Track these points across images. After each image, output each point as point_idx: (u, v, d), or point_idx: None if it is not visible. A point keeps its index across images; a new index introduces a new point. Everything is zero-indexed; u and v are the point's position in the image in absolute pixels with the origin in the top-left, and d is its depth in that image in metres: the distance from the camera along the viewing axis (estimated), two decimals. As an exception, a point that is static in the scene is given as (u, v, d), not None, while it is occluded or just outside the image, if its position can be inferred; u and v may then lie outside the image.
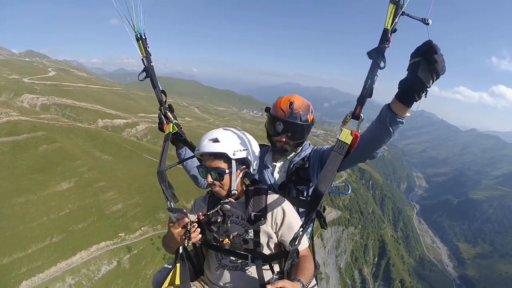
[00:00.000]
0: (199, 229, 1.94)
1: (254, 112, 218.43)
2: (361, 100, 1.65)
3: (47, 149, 51.40)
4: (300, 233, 1.81)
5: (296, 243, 1.84)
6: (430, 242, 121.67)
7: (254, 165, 2.15)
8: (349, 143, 1.68)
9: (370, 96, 1.65)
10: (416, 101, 1.65)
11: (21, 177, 44.73)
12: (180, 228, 1.92)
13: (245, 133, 2.19)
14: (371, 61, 1.57)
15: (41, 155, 49.91)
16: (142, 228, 46.48)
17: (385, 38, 1.52)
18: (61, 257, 38.64)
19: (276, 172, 2.66)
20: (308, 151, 2.66)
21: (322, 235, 66.60)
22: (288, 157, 2.65)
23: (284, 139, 2.51)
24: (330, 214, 73.16)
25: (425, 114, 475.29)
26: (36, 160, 48.59)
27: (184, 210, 1.88)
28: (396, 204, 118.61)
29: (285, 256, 1.94)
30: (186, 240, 1.92)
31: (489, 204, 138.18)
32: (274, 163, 2.69)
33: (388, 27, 1.51)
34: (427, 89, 1.58)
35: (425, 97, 1.61)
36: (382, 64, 1.54)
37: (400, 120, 1.78)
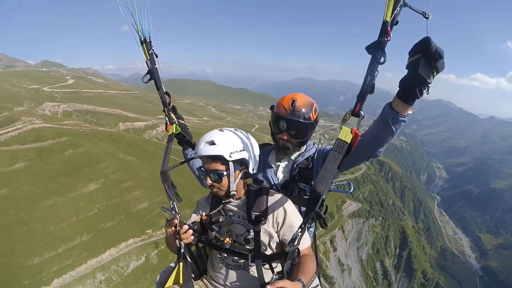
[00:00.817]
0: (190, 231, 2.02)
1: (267, 110, 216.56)
2: (361, 97, 1.65)
3: (73, 153, 53.12)
4: (299, 234, 1.84)
5: (295, 243, 1.87)
6: (452, 234, 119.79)
7: (253, 165, 2.17)
8: (349, 142, 1.70)
9: (372, 92, 1.63)
10: (418, 98, 1.68)
11: (49, 181, 46.37)
12: (171, 228, 2.04)
13: (242, 132, 2.22)
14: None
15: (67, 159, 51.63)
16: (168, 224, 47.30)
17: (384, 31, 1.50)
18: (91, 255, 39.70)
19: (279, 171, 2.68)
20: (312, 151, 2.67)
21: (343, 227, 66.80)
22: (292, 157, 2.67)
23: (286, 137, 2.54)
24: (351, 206, 73.21)
25: (442, 103, 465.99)
26: (62, 164, 50.32)
27: (176, 211, 2.04)
28: (417, 195, 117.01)
29: (285, 256, 1.96)
30: (178, 241, 2.02)
31: (511, 193, 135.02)
32: (278, 163, 2.71)
33: (388, 19, 1.48)
34: (429, 85, 1.60)
35: (427, 93, 1.65)
36: (382, 59, 1.52)
37: (403, 119, 1.81)
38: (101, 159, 54.30)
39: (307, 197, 2.39)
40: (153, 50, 2.56)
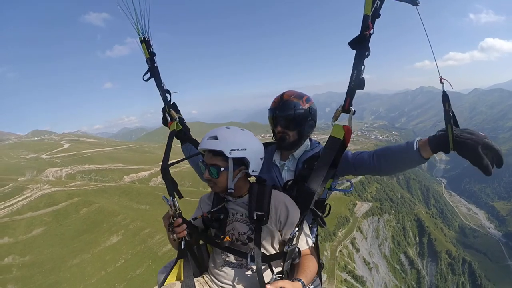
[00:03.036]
0: (184, 226, 2.02)
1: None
2: (350, 93, 1.66)
3: (88, 211, 54.14)
4: (296, 233, 1.86)
5: (294, 242, 1.91)
6: (466, 211, 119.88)
7: (254, 167, 2.13)
8: (341, 138, 1.71)
9: (361, 87, 1.66)
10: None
11: (71, 241, 47.34)
12: (167, 221, 2.06)
13: (248, 133, 2.21)
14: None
15: (83, 217, 52.61)
16: (195, 261, 48.19)
17: (366, 25, 1.52)
18: (126, 304, 40.59)
19: (284, 171, 2.64)
20: (317, 150, 2.63)
21: (361, 228, 67.88)
22: (296, 155, 2.64)
23: (280, 129, 2.55)
24: (362, 207, 74.53)
25: (424, 90, 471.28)
26: (80, 222, 51.33)
27: (176, 207, 2.06)
28: (422, 183, 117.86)
29: (285, 256, 1.98)
30: (171, 234, 2.03)
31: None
32: (283, 162, 2.68)
33: (368, 13, 1.50)
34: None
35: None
36: (366, 53, 1.56)
37: (425, 159, 1.86)
38: (117, 212, 55.42)
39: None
40: (152, 49, 2.62)
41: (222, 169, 2.00)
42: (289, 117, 2.49)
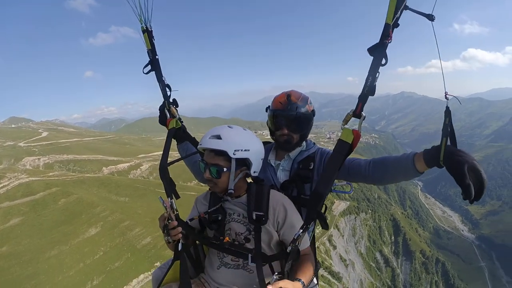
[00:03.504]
0: (179, 228, 1.99)
1: None
2: (363, 98, 1.66)
3: (66, 202, 53.33)
4: (301, 233, 1.83)
5: (297, 243, 1.86)
6: (441, 213, 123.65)
7: (256, 168, 2.12)
8: (350, 142, 1.71)
9: (373, 94, 1.64)
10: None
11: (49, 232, 46.58)
12: (162, 222, 2.04)
13: (250, 133, 2.17)
14: (367, 58, 1.57)
15: (62, 208, 51.80)
16: (175, 255, 48.27)
17: (386, 33, 1.52)
18: (105, 297, 40.25)
19: (279, 171, 2.62)
20: (313, 150, 2.64)
21: (338, 226, 69.49)
22: (292, 155, 2.63)
23: (286, 132, 2.51)
24: (340, 206, 76.17)
25: (405, 94, 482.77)
26: (58, 213, 50.51)
27: (173, 208, 2.03)
28: (399, 185, 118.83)
29: (286, 257, 1.93)
30: (166, 237, 2.02)
31: (487, 162, 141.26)
32: (278, 161, 2.66)
33: (389, 22, 1.50)
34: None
35: None
36: (383, 61, 1.54)
37: (421, 173, 1.90)
38: (95, 204, 54.72)
39: (307, 197, 2.42)
40: (153, 40, 2.54)
41: (224, 169, 1.99)
42: (297, 120, 2.49)
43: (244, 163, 2.06)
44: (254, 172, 2.11)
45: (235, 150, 1.94)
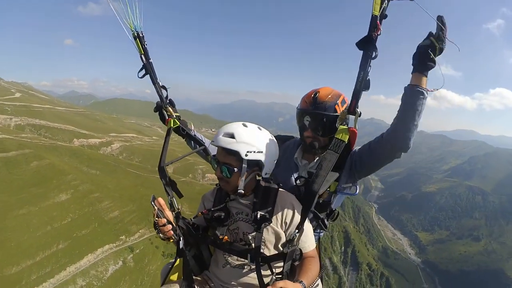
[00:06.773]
0: (169, 226, 1.89)
1: (213, 130, 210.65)
2: (356, 94, 1.64)
3: (38, 165, 53.45)
4: (296, 234, 1.85)
5: (294, 244, 1.88)
6: (391, 235, 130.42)
7: (268, 170, 2.05)
8: (346, 141, 1.70)
9: (367, 88, 1.65)
10: (433, 62, 1.71)
11: (19, 191, 46.85)
12: (155, 219, 1.93)
13: (266, 133, 2.10)
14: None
15: (34, 170, 51.94)
16: (140, 231, 50.45)
17: (374, 25, 1.51)
18: (69, 262, 41.31)
19: (304, 173, 2.45)
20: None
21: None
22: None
23: (310, 134, 2.34)
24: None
25: (374, 121, 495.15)
26: (30, 175, 50.67)
27: (157, 202, 1.90)
28: (355, 203, 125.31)
29: (285, 257, 1.93)
30: (158, 234, 1.94)
31: (440, 194, 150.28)
32: (305, 161, 2.51)
33: (376, 13, 1.49)
34: (437, 47, 1.66)
35: (439, 53, 1.70)
36: (373, 54, 1.55)
37: (420, 89, 1.79)
38: (67, 172, 55.40)
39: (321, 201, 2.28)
40: (146, 45, 2.36)
41: (235, 169, 1.93)
42: (323, 122, 2.28)
43: (256, 164, 1.99)
44: (266, 174, 2.06)
45: (247, 151, 1.89)
